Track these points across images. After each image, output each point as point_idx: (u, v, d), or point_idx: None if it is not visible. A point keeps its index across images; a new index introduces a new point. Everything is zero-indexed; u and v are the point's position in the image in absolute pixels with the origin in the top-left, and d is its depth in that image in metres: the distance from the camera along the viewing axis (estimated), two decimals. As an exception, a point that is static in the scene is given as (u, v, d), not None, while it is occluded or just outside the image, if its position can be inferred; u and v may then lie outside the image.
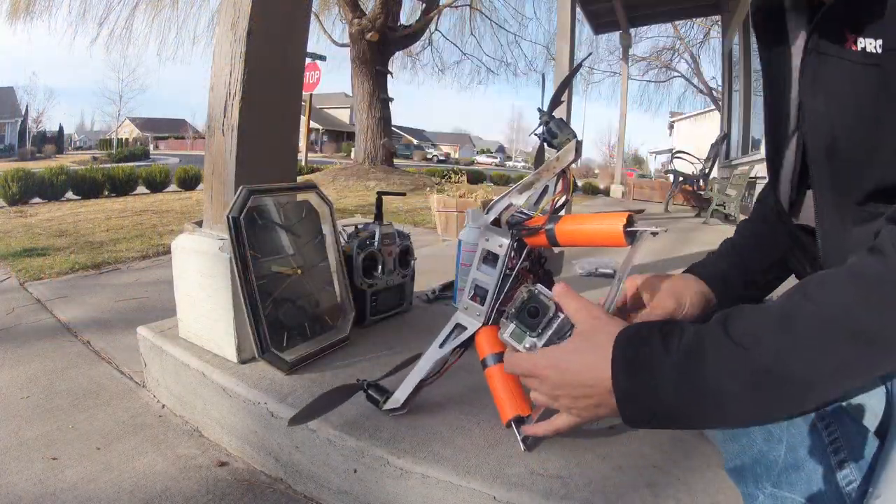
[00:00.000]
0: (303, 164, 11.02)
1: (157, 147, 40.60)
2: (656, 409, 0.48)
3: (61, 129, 41.16)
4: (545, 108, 0.72)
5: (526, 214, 0.81)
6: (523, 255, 0.78)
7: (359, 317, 1.22)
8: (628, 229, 0.61)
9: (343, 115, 44.35)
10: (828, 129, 0.55)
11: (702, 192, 5.55)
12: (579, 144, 0.66)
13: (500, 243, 0.77)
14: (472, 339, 0.82)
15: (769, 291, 0.80)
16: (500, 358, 0.80)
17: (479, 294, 0.80)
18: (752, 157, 5.12)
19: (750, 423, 0.50)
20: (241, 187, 0.99)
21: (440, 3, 10.47)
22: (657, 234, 0.60)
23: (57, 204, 5.50)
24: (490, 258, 0.79)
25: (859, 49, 0.49)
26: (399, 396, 0.85)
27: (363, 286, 1.23)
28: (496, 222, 0.80)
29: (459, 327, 0.83)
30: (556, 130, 0.68)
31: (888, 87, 0.47)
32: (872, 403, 0.58)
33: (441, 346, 0.83)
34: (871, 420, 0.58)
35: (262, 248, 1.02)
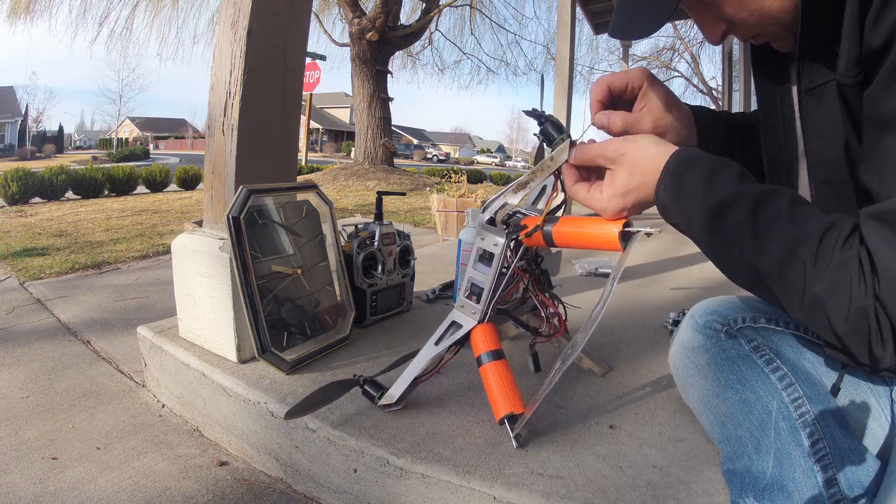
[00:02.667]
0: (303, 163, 11.03)
1: (157, 147, 40.61)
2: (678, 224, 0.56)
3: (61, 128, 41.12)
4: (542, 109, 0.72)
5: (523, 214, 0.81)
6: (519, 254, 0.78)
7: (359, 316, 1.22)
8: (624, 231, 0.61)
9: (343, 115, 44.33)
10: (824, 165, 0.57)
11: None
12: (573, 144, 0.66)
13: (496, 242, 0.78)
14: (467, 336, 0.82)
15: None
16: (495, 356, 0.80)
17: (474, 292, 0.81)
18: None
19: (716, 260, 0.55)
20: (241, 187, 0.99)
21: (440, 3, 10.46)
22: (651, 234, 0.60)
23: (57, 203, 5.50)
24: (486, 257, 0.80)
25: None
26: (394, 393, 0.85)
27: (363, 286, 1.23)
28: (492, 221, 0.81)
29: (455, 325, 0.83)
30: (551, 131, 0.68)
31: (849, 106, 0.49)
32: (873, 427, 0.59)
33: (436, 343, 0.84)
34: (871, 442, 0.58)
35: (262, 248, 1.02)
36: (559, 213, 0.75)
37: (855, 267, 0.43)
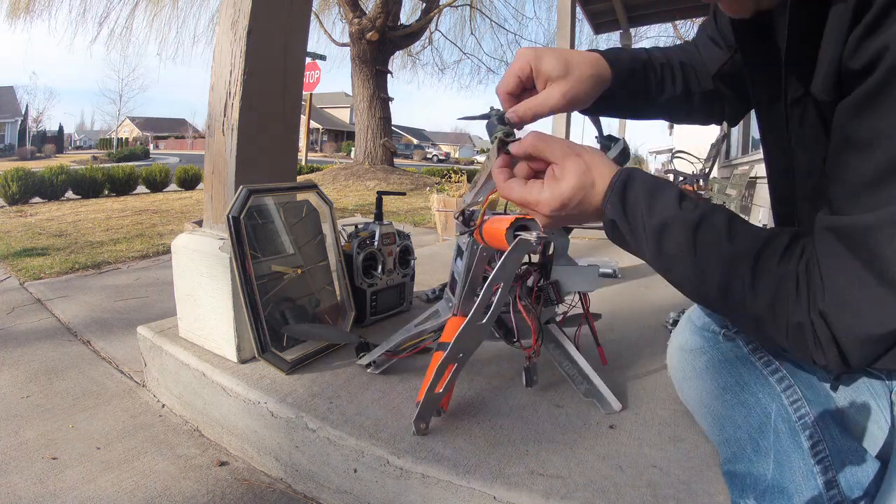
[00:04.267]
0: (303, 163, 11.03)
1: (157, 146, 40.62)
2: (624, 241, 0.55)
3: (61, 128, 41.13)
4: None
5: (475, 211, 0.83)
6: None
7: (359, 316, 1.22)
8: (515, 233, 0.63)
9: (343, 115, 44.33)
10: (808, 179, 0.56)
11: (702, 192, 5.56)
12: (504, 142, 0.64)
13: (464, 239, 0.81)
14: (445, 324, 0.87)
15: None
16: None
17: (452, 286, 0.86)
18: (751, 156, 5.13)
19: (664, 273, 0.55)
20: (241, 187, 0.99)
21: (440, 3, 10.46)
22: (542, 239, 0.62)
23: (57, 203, 5.51)
24: (459, 252, 0.83)
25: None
26: (369, 358, 0.97)
27: (363, 286, 1.23)
28: (465, 219, 0.84)
29: (436, 313, 0.87)
30: (495, 124, 0.67)
31: (825, 122, 0.48)
32: (873, 429, 0.58)
33: (416, 325, 0.90)
34: (870, 444, 0.58)
35: (262, 248, 1.02)
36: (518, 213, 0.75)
37: (791, 284, 0.44)
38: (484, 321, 0.73)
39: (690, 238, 0.49)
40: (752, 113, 0.73)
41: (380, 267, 1.27)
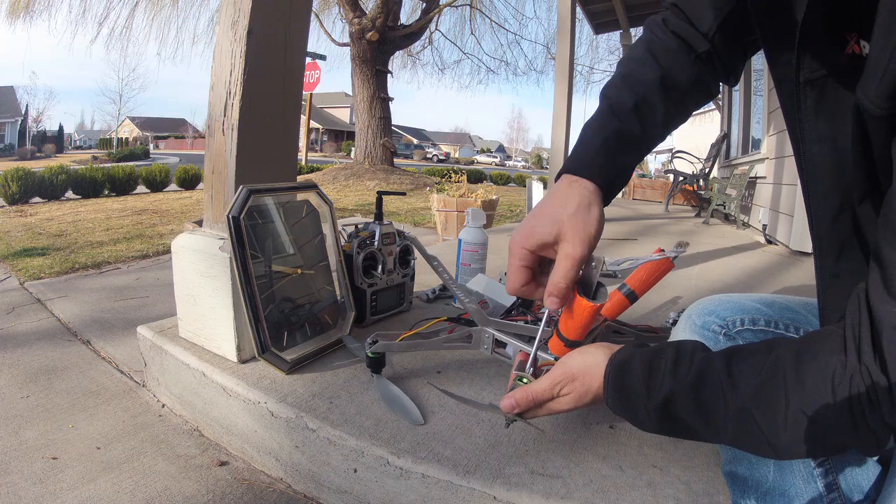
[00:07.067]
0: (303, 163, 11.04)
1: (157, 146, 40.64)
2: (641, 426, 0.53)
3: (61, 128, 41.14)
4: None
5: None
6: None
7: (359, 316, 1.22)
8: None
9: (343, 115, 44.36)
10: (821, 177, 0.49)
11: (702, 192, 5.56)
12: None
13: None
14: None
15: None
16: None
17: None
18: (752, 156, 5.13)
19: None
20: (241, 187, 0.99)
21: (440, 3, 10.47)
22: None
23: (57, 203, 5.51)
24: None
25: (863, 53, 0.39)
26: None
27: (363, 286, 1.23)
28: None
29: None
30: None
31: (865, 135, 0.39)
32: None
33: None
34: None
35: (262, 248, 1.02)
36: None
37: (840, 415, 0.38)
38: None
39: (693, 402, 0.45)
40: (752, 110, 0.69)
41: (380, 267, 1.27)
